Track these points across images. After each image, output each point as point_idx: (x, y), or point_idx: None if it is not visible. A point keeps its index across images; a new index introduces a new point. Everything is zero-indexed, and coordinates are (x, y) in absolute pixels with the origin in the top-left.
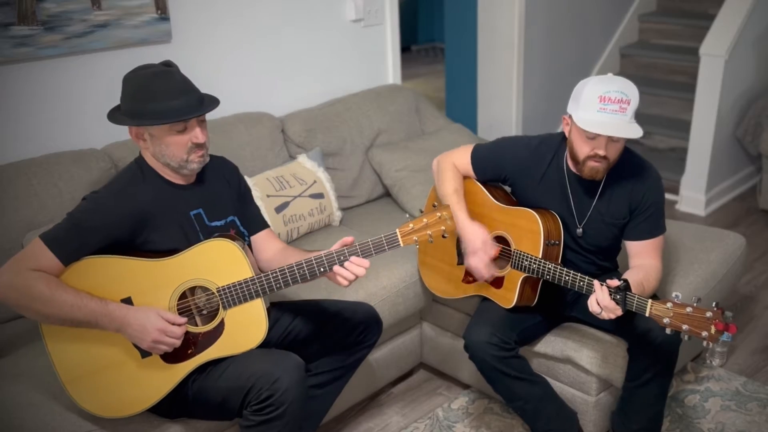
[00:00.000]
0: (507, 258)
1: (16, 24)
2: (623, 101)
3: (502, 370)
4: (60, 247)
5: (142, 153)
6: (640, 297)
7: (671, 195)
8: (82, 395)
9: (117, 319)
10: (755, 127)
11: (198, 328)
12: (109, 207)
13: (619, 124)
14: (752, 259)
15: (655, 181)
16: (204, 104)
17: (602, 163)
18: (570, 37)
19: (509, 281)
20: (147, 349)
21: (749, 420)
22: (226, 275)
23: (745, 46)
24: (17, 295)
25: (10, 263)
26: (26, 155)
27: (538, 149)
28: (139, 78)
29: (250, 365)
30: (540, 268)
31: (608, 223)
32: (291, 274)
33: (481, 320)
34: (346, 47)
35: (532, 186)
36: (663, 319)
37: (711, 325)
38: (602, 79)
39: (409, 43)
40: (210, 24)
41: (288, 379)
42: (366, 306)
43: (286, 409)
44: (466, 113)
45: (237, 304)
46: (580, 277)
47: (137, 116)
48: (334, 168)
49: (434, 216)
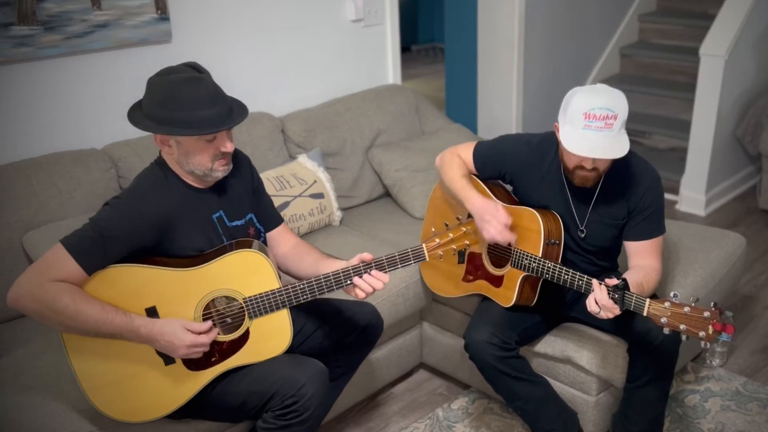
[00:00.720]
0: (507, 257)
1: (16, 24)
2: (609, 117)
3: (502, 370)
4: (84, 257)
5: (165, 157)
6: (639, 296)
7: (671, 195)
8: (105, 403)
9: (143, 336)
10: (755, 127)
11: (223, 337)
12: (134, 215)
13: (604, 144)
14: (752, 259)
15: (655, 181)
16: (234, 113)
17: (591, 174)
18: (570, 37)
19: (509, 280)
20: (179, 357)
21: (749, 420)
22: (253, 285)
23: (745, 46)
24: (40, 307)
25: (31, 273)
26: (26, 155)
27: (538, 147)
28: (169, 83)
29: (275, 370)
30: (539, 267)
31: (607, 223)
32: (318, 285)
33: (481, 320)
34: (346, 47)
35: (532, 184)
36: (661, 319)
37: (708, 325)
38: (589, 92)
39: (409, 43)
40: (210, 24)
41: (313, 386)
42: (368, 306)
43: (309, 414)
44: (466, 113)
45: (263, 314)
46: (579, 276)
47: (166, 123)
48: (334, 168)
49: (459, 230)
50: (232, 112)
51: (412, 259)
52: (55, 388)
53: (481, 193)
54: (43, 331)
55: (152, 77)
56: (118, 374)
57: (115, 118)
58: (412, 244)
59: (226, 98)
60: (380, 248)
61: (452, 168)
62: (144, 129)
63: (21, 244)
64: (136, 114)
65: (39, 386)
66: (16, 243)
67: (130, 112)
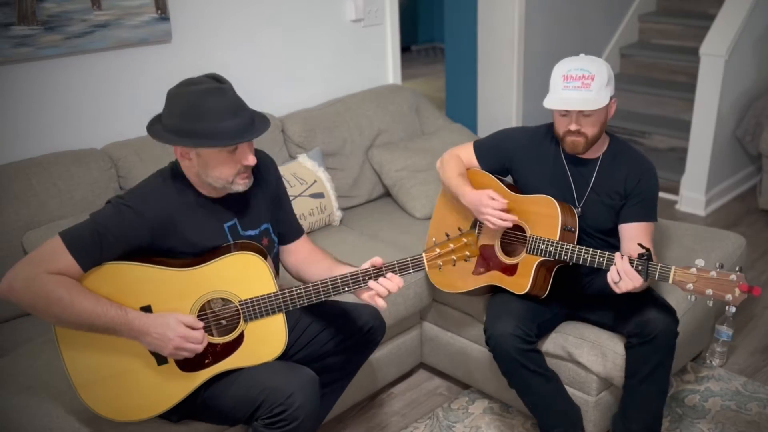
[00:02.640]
0: (522, 244)
1: (16, 24)
2: (585, 77)
3: (522, 362)
4: (81, 253)
5: (184, 170)
6: (664, 264)
7: (671, 195)
8: (94, 399)
9: (136, 328)
10: (755, 127)
11: (218, 339)
12: (132, 215)
13: (579, 99)
14: (752, 259)
15: (651, 170)
16: (255, 124)
17: (580, 138)
18: (570, 37)
19: (523, 267)
20: (168, 355)
21: (749, 420)
22: (250, 288)
23: (745, 46)
24: (33, 298)
25: (26, 263)
26: (26, 155)
27: (536, 132)
28: (191, 95)
29: (263, 379)
30: (558, 249)
31: (606, 204)
32: (315, 291)
33: (503, 313)
34: (346, 47)
35: (532, 168)
36: (687, 285)
37: (735, 287)
38: (568, 60)
39: (409, 43)
40: (210, 24)
41: (302, 396)
42: (370, 307)
43: (299, 424)
44: (466, 113)
45: (258, 317)
46: (600, 253)
47: (187, 135)
48: (334, 168)
49: (460, 241)
50: (254, 123)
51: (412, 268)
52: (53, 389)
53: (492, 186)
54: (42, 332)
55: (172, 89)
56: (109, 371)
57: (115, 118)
58: (412, 244)
59: (248, 109)
60: (380, 248)
61: (450, 168)
62: (164, 142)
63: (21, 244)
64: (156, 127)
65: (37, 386)
66: (16, 243)
67: (150, 126)
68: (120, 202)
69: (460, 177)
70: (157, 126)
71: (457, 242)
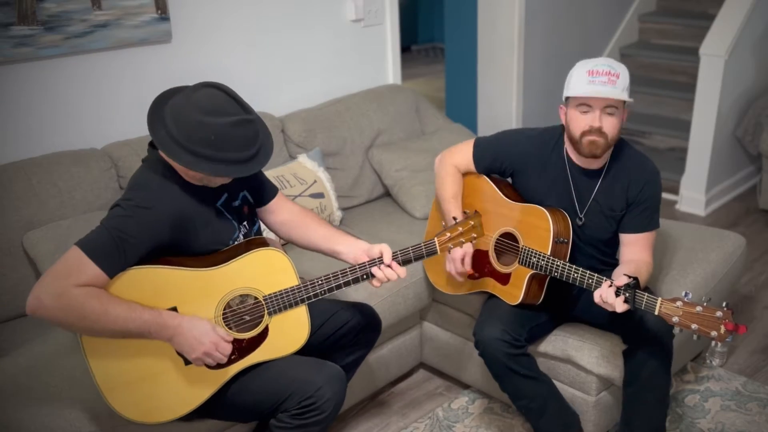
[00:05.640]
0: (515, 254)
1: (16, 24)
2: (611, 74)
3: (511, 367)
4: (106, 261)
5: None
6: (650, 296)
7: (671, 195)
8: (123, 404)
9: (171, 328)
10: (755, 127)
11: (244, 334)
12: (151, 215)
13: (608, 91)
14: (752, 259)
15: (655, 175)
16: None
17: (600, 138)
18: (570, 38)
19: (516, 278)
20: (193, 361)
21: (749, 420)
22: (273, 283)
23: (745, 46)
24: (66, 313)
25: (52, 278)
26: (26, 155)
27: (539, 137)
28: (222, 127)
29: (291, 372)
30: (548, 265)
31: (607, 215)
32: (336, 280)
33: (492, 317)
34: (346, 47)
35: (534, 175)
36: (672, 318)
37: (720, 324)
38: (589, 60)
39: (409, 43)
40: (210, 24)
41: (330, 389)
42: (366, 306)
43: (327, 415)
44: (466, 113)
45: (283, 310)
46: (590, 275)
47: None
48: (334, 168)
49: (467, 224)
50: (258, 153)
51: (425, 253)
52: (53, 389)
53: (487, 191)
54: (41, 332)
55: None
56: (136, 374)
57: (114, 118)
58: (412, 244)
59: (259, 137)
60: None
61: (445, 185)
62: (180, 163)
63: (21, 243)
64: (165, 140)
65: (37, 386)
66: (16, 243)
67: (160, 138)
68: (132, 204)
69: (454, 200)
70: (168, 141)
71: (465, 225)
